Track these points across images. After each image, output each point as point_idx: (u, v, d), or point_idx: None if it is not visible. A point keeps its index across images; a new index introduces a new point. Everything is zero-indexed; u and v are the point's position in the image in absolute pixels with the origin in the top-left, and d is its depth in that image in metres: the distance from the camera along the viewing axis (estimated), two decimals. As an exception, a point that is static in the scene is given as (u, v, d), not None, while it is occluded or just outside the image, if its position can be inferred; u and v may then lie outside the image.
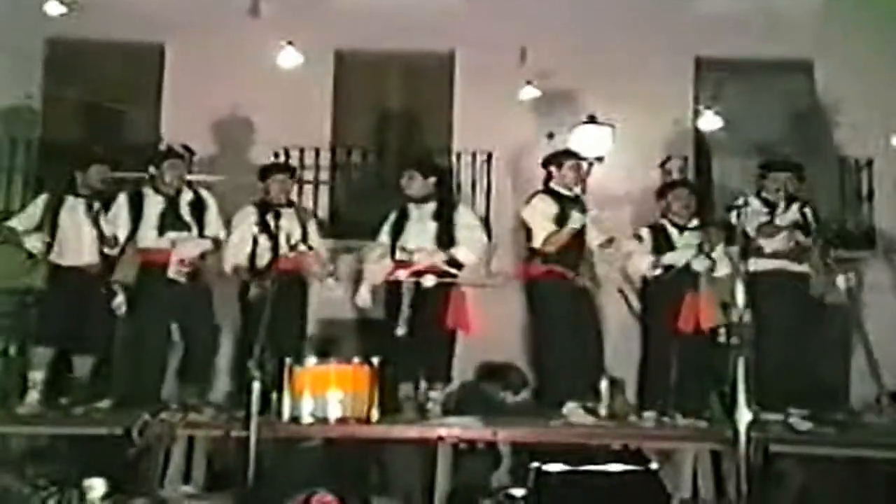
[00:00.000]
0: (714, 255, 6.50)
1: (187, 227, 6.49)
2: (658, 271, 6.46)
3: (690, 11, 9.86)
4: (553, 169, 6.46)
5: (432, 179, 6.67)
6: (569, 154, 6.64)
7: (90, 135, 9.85)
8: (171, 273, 6.31)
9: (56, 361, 6.49)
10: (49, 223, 6.47)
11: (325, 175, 9.76)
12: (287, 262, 6.29)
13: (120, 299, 6.34)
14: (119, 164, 6.93)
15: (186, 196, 6.59)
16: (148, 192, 6.56)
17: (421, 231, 6.48)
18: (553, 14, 9.71)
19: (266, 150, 9.54)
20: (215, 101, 9.47)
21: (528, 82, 9.42)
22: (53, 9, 8.65)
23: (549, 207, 6.30)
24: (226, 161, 9.32)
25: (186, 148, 6.89)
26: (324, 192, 9.73)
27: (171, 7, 9.64)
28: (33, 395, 6.28)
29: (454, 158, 9.82)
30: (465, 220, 6.66)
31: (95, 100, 9.99)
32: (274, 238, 6.38)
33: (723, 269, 6.54)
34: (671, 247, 6.51)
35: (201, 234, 6.56)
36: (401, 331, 6.24)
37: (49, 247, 6.46)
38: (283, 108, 9.61)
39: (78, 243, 6.47)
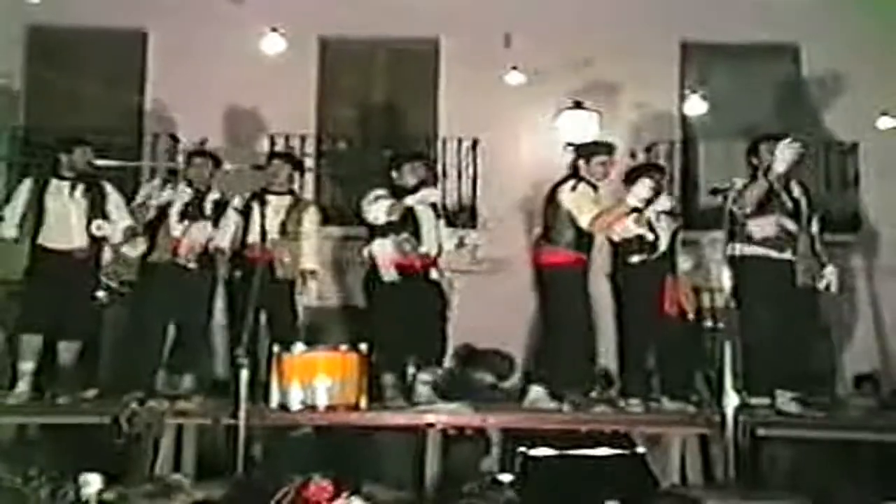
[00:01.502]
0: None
1: (205, 220, 6.50)
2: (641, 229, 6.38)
3: (676, -5, 9.86)
4: (581, 162, 6.34)
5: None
6: (602, 148, 6.49)
7: (73, 121, 9.77)
8: (180, 258, 6.33)
9: (43, 349, 6.43)
10: (34, 207, 6.40)
11: (310, 162, 9.72)
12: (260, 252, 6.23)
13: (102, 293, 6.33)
14: (103, 148, 6.88)
15: (213, 194, 6.62)
16: (180, 183, 6.61)
17: (435, 223, 6.49)
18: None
19: (250, 136, 9.57)
20: (199, 87, 9.41)
21: (514, 67, 9.40)
22: (35, -5, 8.57)
23: (590, 192, 6.23)
24: (208, 147, 9.25)
25: (172, 136, 6.84)
26: (309, 179, 9.69)
27: (154, -8, 9.62)
28: (22, 387, 6.24)
29: (440, 145, 9.81)
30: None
31: (78, 87, 9.91)
32: (260, 226, 6.36)
33: (688, 263, 6.56)
34: (651, 229, 6.47)
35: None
36: (447, 326, 6.36)
37: (36, 230, 6.41)
38: (268, 95, 9.60)
39: (66, 227, 6.38)
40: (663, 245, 6.42)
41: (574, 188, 6.18)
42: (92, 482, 4.50)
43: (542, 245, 6.31)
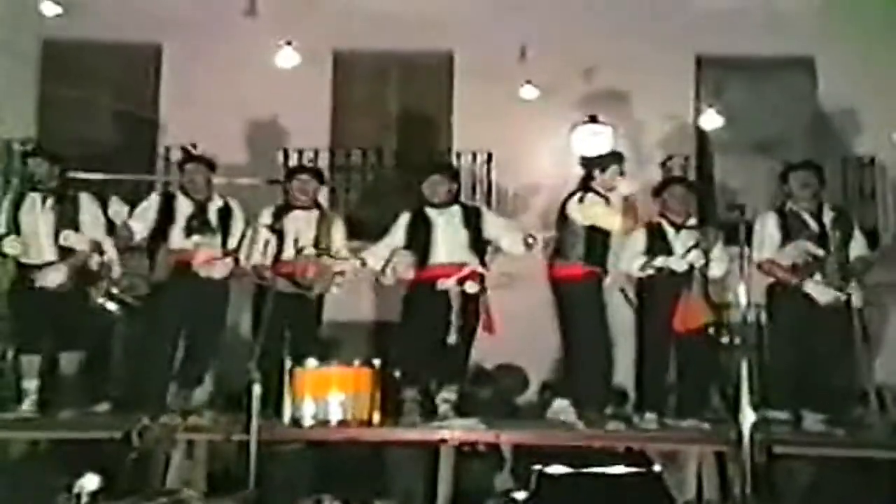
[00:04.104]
0: (712, 254, 6.46)
1: (213, 232, 6.48)
2: (650, 271, 6.39)
3: (690, 9, 9.82)
4: (596, 173, 6.32)
5: (454, 184, 6.64)
6: (614, 158, 6.45)
7: (87, 135, 9.81)
8: (197, 268, 6.31)
9: (46, 363, 6.40)
10: (12, 222, 6.35)
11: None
12: (293, 267, 6.30)
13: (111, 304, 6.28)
14: (65, 158, 6.65)
15: (216, 203, 6.61)
16: (179, 195, 6.60)
17: (453, 236, 6.39)
18: (552, 13, 9.66)
19: (264, 150, 9.57)
20: (213, 101, 9.42)
21: (528, 81, 9.38)
22: (49, 9, 8.56)
23: (599, 202, 6.20)
24: (223, 162, 9.25)
25: (185, 150, 6.82)
26: (323, 193, 9.66)
27: (169, 7, 9.62)
28: (28, 405, 6.23)
29: (454, 158, 9.79)
30: (498, 221, 6.70)
31: (93, 101, 9.94)
32: (282, 240, 6.37)
33: (720, 269, 6.50)
34: (667, 246, 6.44)
35: (225, 241, 6.56)
36: (452, 339, 6.17)
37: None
38: (282, 109, 9.61)
39: (36, 241, 6.33)
40: (676, 265, 6.38)
41: (581, 200, 6.19)
42: (90, 480, 4.50)
43: (556, 259, 6.30)
